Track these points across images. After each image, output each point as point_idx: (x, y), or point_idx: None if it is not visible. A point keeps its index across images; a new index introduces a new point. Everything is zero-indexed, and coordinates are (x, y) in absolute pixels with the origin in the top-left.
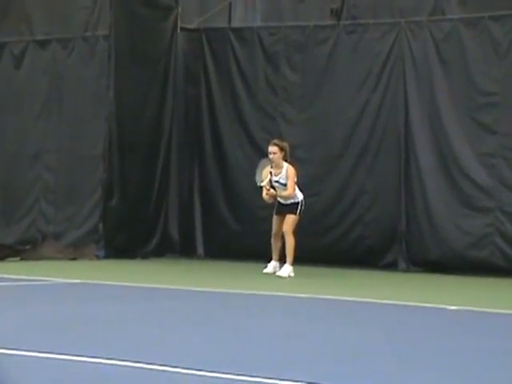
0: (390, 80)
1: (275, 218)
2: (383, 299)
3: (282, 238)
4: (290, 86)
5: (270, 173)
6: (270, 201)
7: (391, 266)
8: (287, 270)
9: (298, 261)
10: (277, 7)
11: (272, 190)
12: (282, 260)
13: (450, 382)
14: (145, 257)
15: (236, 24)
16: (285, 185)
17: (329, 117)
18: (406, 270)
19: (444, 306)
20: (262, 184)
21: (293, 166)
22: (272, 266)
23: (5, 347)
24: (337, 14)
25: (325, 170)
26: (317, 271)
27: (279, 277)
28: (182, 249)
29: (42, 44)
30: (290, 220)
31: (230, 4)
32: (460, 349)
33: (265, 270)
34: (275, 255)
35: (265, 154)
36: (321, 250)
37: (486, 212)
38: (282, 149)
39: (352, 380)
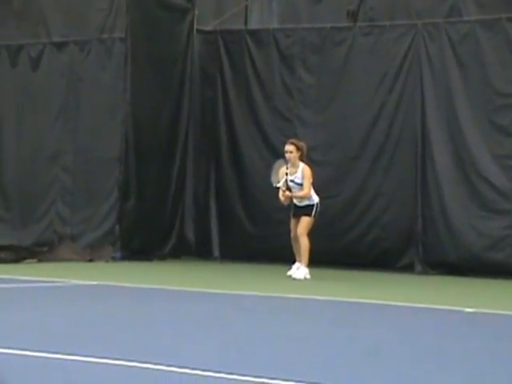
0: (407, 82)
1: (292, 221)
2: (400, 301)
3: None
4: (305, 88)
5: (286, 173)
6: (286, 202)
7: (408, 269)
8: (303, 272)
9: (314, 263)
10: (293, 9)
11: (288, 192)
12: None
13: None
14: (161, 258)
15: (252, 26)
16: (300, 184)
17: (345, 119)
18: (423, 273)
19: (461, 309)
20: (279, 185)
21: (309, 166)
22: (295, 267)
23: (16, 348)
24: (353, 15)
25: (341, 172)
26: (334, 273)
27: (295, 279)
28: (197, 251)
29: (59, 46)
30: (305, 223)
31: (246, 6)
32: (477, 351)
33: (289, 273)
34: (298, 257)
35: (281, 156)
36: (337, 252)
37: (504, 214)
38: (298, 148)
39: (369, 381)
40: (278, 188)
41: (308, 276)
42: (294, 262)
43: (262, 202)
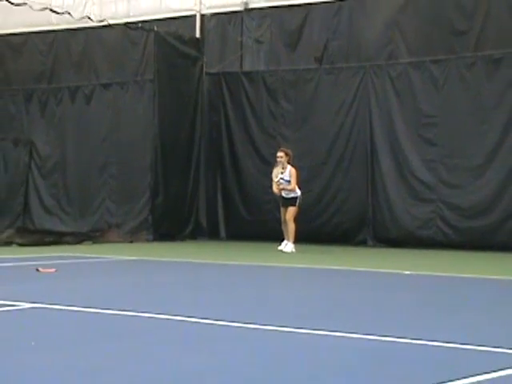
0: (359, 108)
1: (282, 210)
2: (357, 267)
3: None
4: (286, 113)
5: (281, 172)
6: (279, 194)
7: (362, 243)
8: (290, 247)
9: (295, 241)
10: (275, 56)
11: (279, 186)
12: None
13: (402, 325)
14: (182, 239)
15: (246, 69)
16: (288, 181)
17: (314, 135)
18: (373, 246)
19: (401, 271)
20: (275, 180)
21: (295, 168)
22: (284, 244)
23: (90, 306)
24: (319, 60)
25: (312, 174)
26: (309, 248)
27: (284, 252)
28: (209, 233)
29: (106, 86)
30: (291, 211)
31: (241, 55)
32: (413, 301)
33: (279, 248)
34: (286, 236)
35: (268, 164)
36: (311, 232)
37: (430, 202)
38: (286, 154)
39: (334, 327)
40: (273, 183)
41: (294, 250)
42: (282, 240)
43: (255, 196)
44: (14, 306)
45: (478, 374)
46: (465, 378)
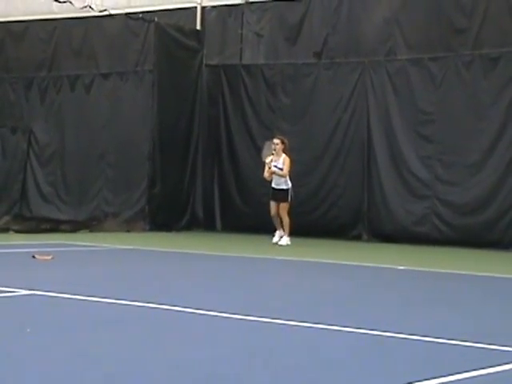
0: (357, 103)
1: (271, 203)
2: (352, 261)
3: (279, 216)
4: (284, 107)
5: (271, 160)
6: (269, 178)
7: (357, 238)
8: (285, 240)
9: (290, 234)
10: (275, 49)
11: (272, 168)
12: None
13: (397, 316)
14: (178, 230)
15: (245, 61)
16: (280, 169)
17: (312, 129)
18: (368, 241)
19: (395, 266)
20: (266, 161)
21: (289, 157)
22: (278, 236)
23: (85, 294)
24: (318, 55)
25: (309, 168)
26: (304, 242)
27: (280, 245)
28: (205, 224)
29: (105, 76)
30: (284, 207)
31: (241, 47)
32: (404, 297)
33: (273, 241)
34: (278, 227)
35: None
36: (306, 226)
37: (426, 199)
38: (282, 142)
39: (326, 319)
40: (265, 165)
41: (289, 242)
42: (274, 231)
43: (252, 188)
44: (10, 293)
45: (474, 370)
46: (459, 373)
